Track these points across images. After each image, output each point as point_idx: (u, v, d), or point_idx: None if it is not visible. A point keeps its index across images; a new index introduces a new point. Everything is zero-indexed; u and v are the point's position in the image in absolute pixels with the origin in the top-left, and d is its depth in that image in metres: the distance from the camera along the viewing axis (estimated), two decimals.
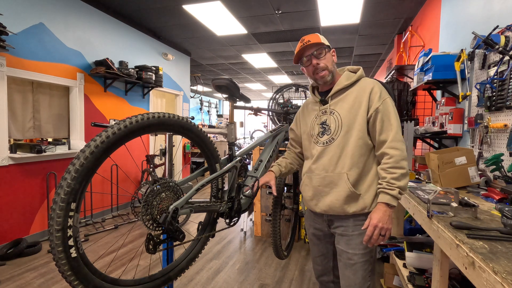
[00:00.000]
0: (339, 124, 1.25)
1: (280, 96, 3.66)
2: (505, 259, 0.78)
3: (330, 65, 1.27)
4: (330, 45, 1.31)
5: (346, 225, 1.27)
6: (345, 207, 1.24)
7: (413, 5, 3.77)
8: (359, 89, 1.25)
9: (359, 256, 1.24)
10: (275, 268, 2.69)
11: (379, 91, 1.22)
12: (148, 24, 4.66)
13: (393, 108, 1.21)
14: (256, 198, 3.41)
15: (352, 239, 1.26)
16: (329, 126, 1.27)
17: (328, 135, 1.27)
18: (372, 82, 1.26)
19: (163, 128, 1.04)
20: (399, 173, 1.14)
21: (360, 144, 1.22)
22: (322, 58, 1.26)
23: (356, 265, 1.24)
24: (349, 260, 1.25)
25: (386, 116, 1.19)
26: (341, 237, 1.29)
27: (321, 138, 1.30)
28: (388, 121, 1.19)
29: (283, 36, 5.05)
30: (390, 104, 1.21)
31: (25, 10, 3.00)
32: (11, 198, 2.93)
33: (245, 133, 11.53)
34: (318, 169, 1.29)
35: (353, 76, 1.28)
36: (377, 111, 1.19)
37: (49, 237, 0.81)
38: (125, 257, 2.83)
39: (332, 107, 1.28)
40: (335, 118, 1.26)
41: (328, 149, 1.27)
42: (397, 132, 1.18)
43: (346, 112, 1.24)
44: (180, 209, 1.08)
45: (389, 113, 1.19)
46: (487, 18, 2.00)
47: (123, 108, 4.38)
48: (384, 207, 1.14)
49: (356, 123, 1.22)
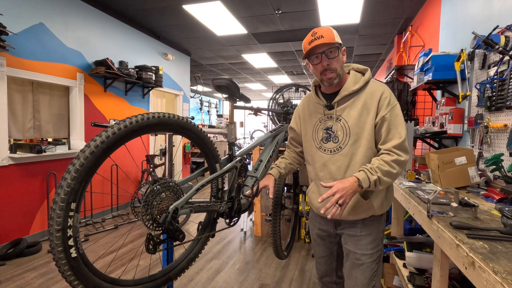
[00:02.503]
0: (346, 133, 1.20)
1: (280, 96, 3.66)
2: (505, 259, 0.78)
3: (340, 67, 1.19)
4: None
5: (355, 227, 1.27)
6: (354, 216, 1.24)
7: (413, 5, 3.76)
8: (367, 94, 1.19)
9: (367, 256, 1.24)
10: (275, 268, 2.69)
11: (388, 96, 1.17)
12: (148, 24, 4.66)
13: (401, 115, 1.17)
14: (256, 198, 3.41)
15: (361, 239, 1.25)
16: (336, 134, 1.23)
17: (335, 143, 1.23)
18: (381, 86, 1.20)
19: (163, 128, 1.03)
20: (389, 169, 1.10)
21: (369, 154, 1.19)
22: (334, 59, 1.17)
23: (363, 265, 1.24)
24: (357, 260, 1.25)
25: (393, 125, 1.15)
26: (349, 238, 1.29)
27: (325, 145, 1.26)
28: (395, 129, 1.14)
29: (283, 36, 5.05)
30: (398, 112, 1.16)
31: (25, 10, 3.00)
32: (11, 198, 2.93)
33: (245, 133, 11.53)
34: (326, 178, 1.27)
35: (361, 79, 1.22)
36: (384, 119, 1.15)
37: (49, 237, 0.81)
38: (125, 257, 2.83)
39: (338, 113, 1.22)
40: (342, 125, 1.21)
41: (335, 158, 1.23)
42: (404, 141, 1.14)
43: (355, 120, 1.18)
44: (180, 209, 1.08)
45: (397, 121, 1.15)
46: (487, 18, 2.00)
47: (123, 108, 4.38)
48: (355, 182, 1.08)
49: (365, 132, 1.17)
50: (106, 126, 1.64)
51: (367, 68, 1.26)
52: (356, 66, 1.28)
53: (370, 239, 1.25)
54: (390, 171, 1.10)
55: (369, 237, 1.24)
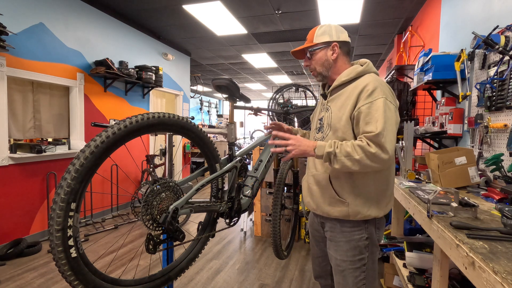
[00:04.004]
0: (328, 124, 1.20)
1: (280, 96, 3.66)
2: (505, 259, 0.78)
3: (320, 66, 1.24)
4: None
5: (334, 230, 1.24)
6: (329, 209, 1.20)
7: (413, 5, 3.76)
8: (354, 86, 1.15)
9: (348, 263, 1.20)
10: (275, 268, 2.69)
11: (371, 89, 1.08)
12: (148, 24, 4.66)
13: (385, 110, 1.04)
14: (256, 198, 3.41)
15: (340, 245, 1.22)
16: (323, 124, 1.25)
17: (322, 132, 1.25)
18: (370, 78, 1.13)
19: (163, 128, 1.04)
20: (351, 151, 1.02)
21: None
22: (312, 60, 1.26)
23: (344, 272, 1.21)
24: (338, 266, 1.23)
25: (372, 118, 1.04)
26: (330, 242, 1.27)
27: (317, 135, 1.29)
28: (373, 122, 1.03)
29: (283, 36, 5.05)
30: (381, 106, 1.04)
31: (25, 10, 3.00)
32: (11, 198, 2.93)
33: (245, 133, 11.53)
34: (310, 168, 1.31)
35: (353, 71, 1.18)
36: (360, 111, 1.07)
37: (49, 237, 0.81)
38: (125, 257, 2.83)
39: (329, 104, 1.24)
40: (328, 116, 1.22)
41: None
42: (379, 135, 1.00)
43: (336, 111, 1.18)
44: (180, 209, 1.08)
45: (377, 114, 1.03)
46: (487, 18, 2.00)
47: (123, 108, 4.38)
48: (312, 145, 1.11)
49: (341, 123, 1.14)
50: (106, 126, 1.64)
51: (367, 60, 1.23)
52: (362, 61, 1.26)
53: (348, 247, 1.19)
54: (351, 154, 1.02)
55: (347, 244, 1.19)
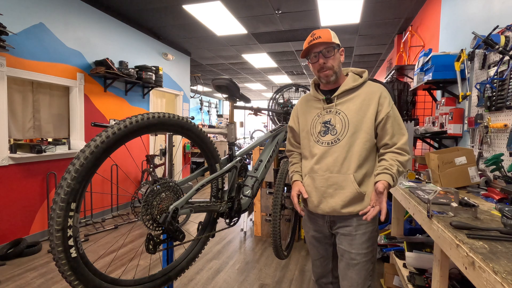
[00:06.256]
0: (345, 125, 1.25)
1: (280, 96, 3.66)
2: (505, 259, 0.78)
3: (337, 65, 1.28)
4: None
5: (349, 225, 1.27)
6: (350, 208, 1.25)
7: (413, 5, 3.76)
8: (367, 92, 1.27)
9: (362, 255, 1.25)
10: (275, 268, 2.69)
11: (387, 96, 1.26)
12: (148, 24, 4.66)
13: (399, 115, 1.29)
14: (256, 198, 3.41)
15: (355, 238, 1.26)
16: (334, 126, 1.27)
17: (333, 135, 1.27)
18: (379, 86, 1.28)
19: (163, 128, 1.04)
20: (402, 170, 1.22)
21: (367, 147, 1.24)
22: (330, 58, 1.25)
23: (359, 265, 1.24)
24: (352, 260, 1.25)
25: (396, 122, 1.25)
26: (344, 237, 1.29)
27: (323, 137, 1.28)
28: (398, 126, 1.25)
29: (283, 36, 5.05)
30: (397, 113, 1.28)
31: (25, 10, 3.00)
32: (11, 198, 2.93)
33: (245, 133, 11.53)
34: (322, 170, 1.27)
35: (359, 78, 1.30)
36: (388, 115, 1.23)
37: (49, 237, 0.81)
38: (125, 257, 2.83)
39: (338, 107, 1.28)
40: (342, 118, 1.26)
41: (332, 150, 1.26)
42: (407, 139, 1.26)
43: (354, 114, 1.24)
44: (180, 209, 1.09)
45: (399, 119, 1.27)
46: (487, 18, 2.00)
47: (123, 108, 4.38)
48: (386, 188, 1.17)
49: (364, 125, 1.24)
50: (106, 126, 1.64)
51: (365, 70, 1.34)
52: (354, 69, 1.35)
53: (365, 238, 1.26)
54: (400, 171, 1.22)
55: (364, 236, 1.25)
